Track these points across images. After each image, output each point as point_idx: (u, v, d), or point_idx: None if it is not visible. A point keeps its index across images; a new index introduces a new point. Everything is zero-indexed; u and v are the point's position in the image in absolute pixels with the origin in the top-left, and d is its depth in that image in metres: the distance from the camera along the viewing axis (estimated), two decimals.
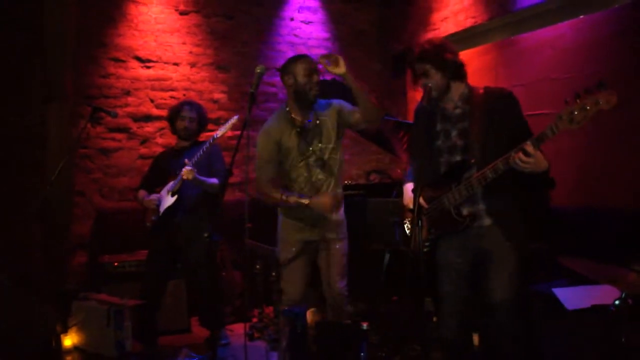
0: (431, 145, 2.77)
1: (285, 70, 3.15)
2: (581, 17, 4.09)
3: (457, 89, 2.71)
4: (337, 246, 3.22)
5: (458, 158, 2.67)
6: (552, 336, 2.81)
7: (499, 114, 2.56)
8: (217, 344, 3.93)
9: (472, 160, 2.59)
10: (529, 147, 2.29)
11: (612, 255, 2.14)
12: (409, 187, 2.92)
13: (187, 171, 3.69)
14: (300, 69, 3.12)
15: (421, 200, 2.73)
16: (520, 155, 2.31)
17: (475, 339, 3.12)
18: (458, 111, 2.71)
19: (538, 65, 4.34)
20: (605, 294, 2.47)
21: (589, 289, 2.80)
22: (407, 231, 2.94)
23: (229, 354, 3.93)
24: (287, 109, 3.20)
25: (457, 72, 2.69)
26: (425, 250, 2.75)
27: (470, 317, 2.83)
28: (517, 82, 4.25)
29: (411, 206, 2.76)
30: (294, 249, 3.21)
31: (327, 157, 3.17)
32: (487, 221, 2.63)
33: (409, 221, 2.94)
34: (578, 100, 2.15)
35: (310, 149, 3.15)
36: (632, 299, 2.14)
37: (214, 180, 3.87)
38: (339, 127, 3.22)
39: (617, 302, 2.13)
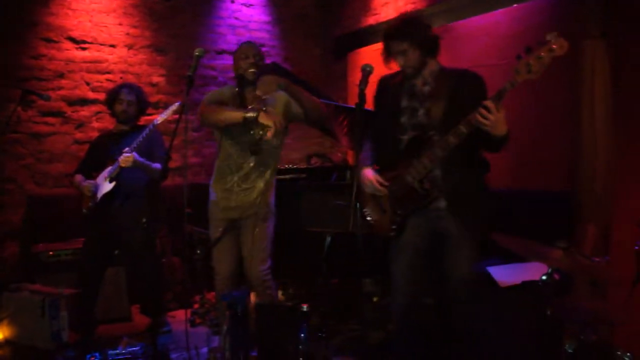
0: (394, 122, 2.75)
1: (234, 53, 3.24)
2: (515, 5, 4.23)
3: (429, 66, 2.68)
4: (258, 229, 3.23)
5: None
6: (487, 312, 2.93)
7: (466, 94, 2.57)
8: (158, 332, 3.89)
9: (432, 133, 2.61)
10: (489, 103, 2.34)
11: (540, 234, 2.24)
12: (367, 171, 2.83)
13: (125, 158, 3.61)
14: (238, 54, 3.20)
15: (382, 180, 2.75)
16: (482, 110, 2.35)
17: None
18: (427, 88, 2.69)
19: (474, 52, 4.46)
20: (534, 271, 2.58)
21: (519, 266, 2.92)
22: (370, 219, 2.87)
23: (171, 341, 3.89)
24: (237, 89, 3.25)
25: (433, 48, 2.67)
26: (392, 234, 2.77)
27: (424, 295, 2.91)
28: (455, 67, 4.37)
29: (372, 190, 2.78)
30: (220, 228, 3.26)
31: (264, 145, 3.16)
32: (444, 203, 2.66)
33: (370, 208, 2.87)
34: (531, 52, 2.25)
35: (252, 132, 3.13)
36: (558, 274, 2.24)
37: (157, 165, 3.80)
38: (284, 119, 3.20)
39: (544, 277, 2.23)
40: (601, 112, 3.45)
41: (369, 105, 2.69)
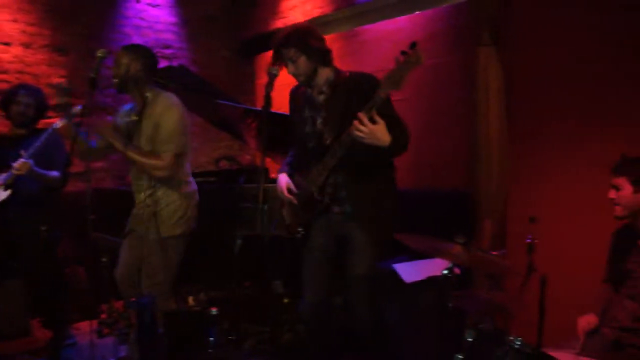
0: (301, 131, 2.82)
1: None
2: (417, 12, 4.41)
3: (323, 75, 2.72)
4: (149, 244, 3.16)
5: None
6: (394, 307, 3.04)
7: (360, 97, 2.57)
8: (61, 345, 3.71)
9: (327, 142, 2.66)
10: (361, 114, 2.39)
11: (441, 231, 2.36)
12: (282, 177, 2.92)
13: (20, 165, 3.43)
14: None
15: (291, 185, 2.83)
16: (355, 123, 2.40)
17: None
18: (322, 97, 2.75)
19: (379, 56, 4.61)
20: (437, 266, 2.70)
21: (423, 262, 3.05)
22: (284, 218, 2.96)
23: (75, 354, 3.73)
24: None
25: (323, 57, 2.71)
26: (299, 236, 2.83)
27: (332, 295, 2.97)
28: (353, 71, 4.51)
29: (286, 195, 2.85)
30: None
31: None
32: (348, 207, 2.74)
33: (285, 210, 2.95)
34: (396, 64, 2.33)
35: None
36: (458, 268, 2.37)
37: (55, 174, 3.63)
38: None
39: (445, 272, 2.34)
40: (495, 115, 3.66)
41: (276, 107, 2.73)
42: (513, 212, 3.60)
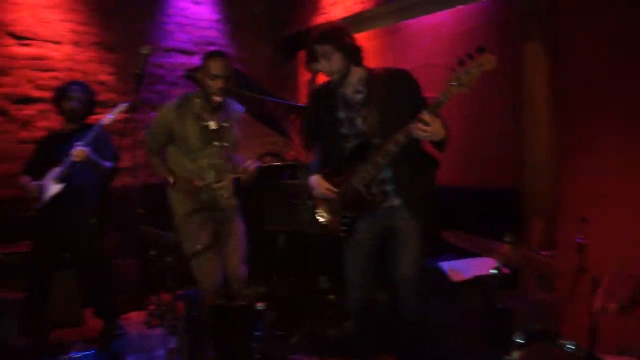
0: (335, 132, 2.81)
1: (202, 63, 3.13)
2: (459, 7, 4.36)
3: (355, 73, 2.75)
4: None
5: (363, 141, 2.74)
6: (440, 306, 3.03)
7: (398, 94, 2.64)
8: (112, 335, 3.83)
9: (374, 140, 2.67)
10: (425, 116, 2.41)
11: (488, 230, 2.34)
12: (315, 178, 2.90)
13: (78, 152, 3.52)
14: (208, 69, 3.08)
15: (330, 186, 2.81)
16: (419, 125, 2.42)
17: None
18: (359, 96, 2.75)
19: (421, 52, 4.58)
20: (484, 265, 2.69)
21: (470, 261, 3.04)
22: (322, 220, 2.93)
23: (125, 344, 3.83)
24: (197, 100, 3.19)
25: (356, 55, 2.73)
26: (342, 235, 2.82)
27: (377, 292, 2.98)
28: (402, 67, 4.48)
29: (323, 195, 2.84)
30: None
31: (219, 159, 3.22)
32: (395, 201, 2.75)
33: (322, 210, 2.93)
34: (462, 66, 2.33)
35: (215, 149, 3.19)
36: (506, 268, 2.35)
37: (108, 164, 3.73)
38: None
39: (493, 271, 2.33)
40: (542, 111, 3.60)
41: None
42: (563, 211, 3.53)
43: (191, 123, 3.18)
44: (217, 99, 3.11)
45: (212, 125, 3.18)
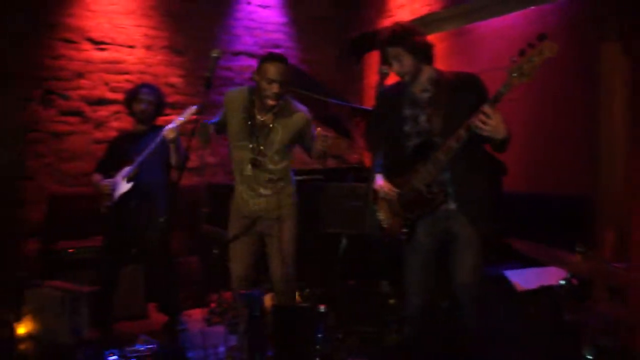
0: (398, 130, 2.79)
1: (258, 64, 3.14)
2: (531, 8, 4.22)
3: (425, 73, 2.73)
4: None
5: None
6: (504, 316, 2.93)
7: (465, 97, 2.61)
8: (174, 330, 3.93)
9: (436, 139, 2.64)
10: (487, 108, 2.37)
11: (557, 239, 2.25)
12: (379, 178, 2.90)
13: (169, 130, 3.58)
14: (265, 72, 3.09)
15: (391, 186, 2.79)
16: (480, 116, 2.38)
17: None
18: (426, 95, 2.73)
19: (490, 54, 4.46)
20: (551, 275, 2.58)
21: (537, 270, 2.93)
22: (384, 221, 2.90)
23: (187, 340, 3.92)
24: (253, 97, 3.22)
25: (427, 55, 2.71)
26: (403, 237, 2.79)
27: (438, 297, 2.92)
28: (470, 70, 4.38)
29: (386, 196, 2.82)
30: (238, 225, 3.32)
31: (262, 159, 3.20)
32: (453, 205, 2.70)
33: (383, 211, 2.91)
34: (524, 55, 2.27)
35: (251, 145, 3.19)
36: (576, 279, 2.25)
37: (185, 152, 3.84)
38: (292, 140, 3.25)
39: (562, 282, 2.23)
40: (619, 115, 3.45)
41: None
42: (638, 220, 3.35)
43: (237, 112, 3.23)
44: (271, 102, 3.12)
45: (257, 120, 3.20)
